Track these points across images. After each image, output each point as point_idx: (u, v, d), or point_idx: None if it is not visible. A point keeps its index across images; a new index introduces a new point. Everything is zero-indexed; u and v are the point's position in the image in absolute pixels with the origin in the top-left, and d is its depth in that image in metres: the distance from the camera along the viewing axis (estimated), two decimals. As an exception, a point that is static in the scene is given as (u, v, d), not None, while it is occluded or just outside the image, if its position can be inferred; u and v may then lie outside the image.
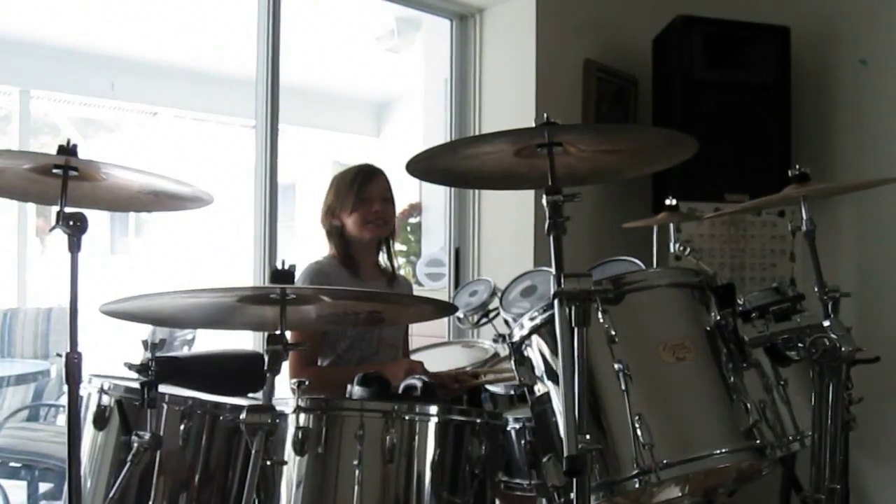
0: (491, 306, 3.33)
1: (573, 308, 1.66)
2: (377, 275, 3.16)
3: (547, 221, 1.77)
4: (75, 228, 2.00)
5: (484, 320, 3.36)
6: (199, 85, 6.69)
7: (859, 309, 4.21)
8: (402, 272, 3.37)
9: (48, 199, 2.07)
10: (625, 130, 2.24)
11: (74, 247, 2.03)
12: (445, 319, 4.12)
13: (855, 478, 4.17)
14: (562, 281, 1.66)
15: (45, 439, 4.20)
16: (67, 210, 1.99)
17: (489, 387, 3.00)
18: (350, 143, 7.93)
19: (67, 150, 2.01)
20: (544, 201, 1.78)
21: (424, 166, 1.93)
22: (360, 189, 3.06)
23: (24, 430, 4.46)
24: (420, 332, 4.02)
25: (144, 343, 2.05)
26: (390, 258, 3.21)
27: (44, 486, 4.32)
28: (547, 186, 1.80)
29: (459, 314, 3.35)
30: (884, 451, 4.30)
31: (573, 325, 1.66)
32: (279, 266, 1.89)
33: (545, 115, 1.84)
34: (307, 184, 7.86)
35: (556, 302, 1.67)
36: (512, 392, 2.85)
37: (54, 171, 1.99)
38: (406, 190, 5.22)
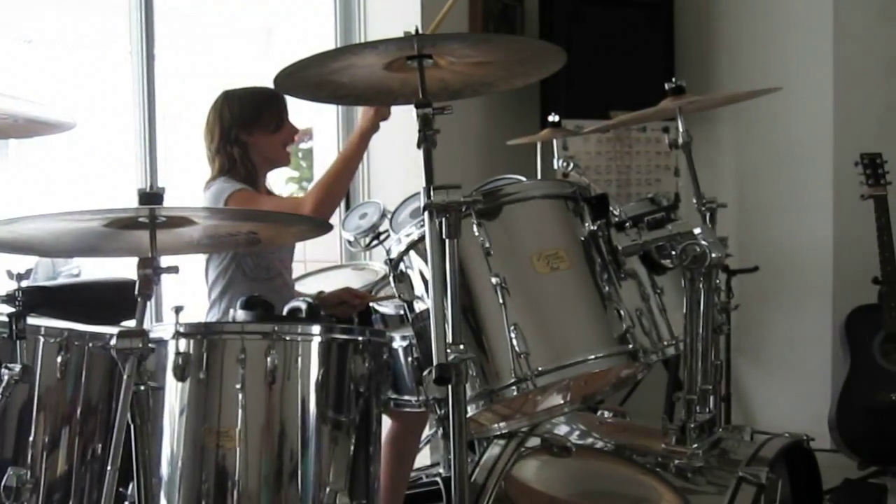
0: (381, 228, 3.32)
1: (444, 220, 1.66)
2: (267, 196, 3.09)
3: (417, 134, 1.76)
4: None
5: (375, 242, 3.34)
6: (74, 10, 6.40)
7: (739, 220, 4.36)
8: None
9: None
10: (492, 40, 2.23)
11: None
12: (337, 243, 4.09)
13: (737, 381, 4.36)
14: (431, 193, 1.66)
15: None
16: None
17: (378, 307, 3.01)
18: (239, 70, 7.72)
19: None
20: (414, 114, 1.76)
21: (293, 81, 1.89)
22: (283, 111, 2.96)
23: None
24: (313, 258, 4.00)
25: (9, 273, 1.98)
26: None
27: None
28: (417, 99, 1.78)
29: (349, 237, 3.33)
30: (764, 356, 4.50)
31: (444, 237, 1.66)
32: (147, 188, 1.84)
33: (415, 27, 1.82)
34: (194, 110, 7.62)
35: (425, 214, 1.66)
36: (401, 312, 2.86)
37: None
38: (298, 115, 5.12)
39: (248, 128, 2.93)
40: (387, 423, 2.81)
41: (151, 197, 1.82)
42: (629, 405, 4.06)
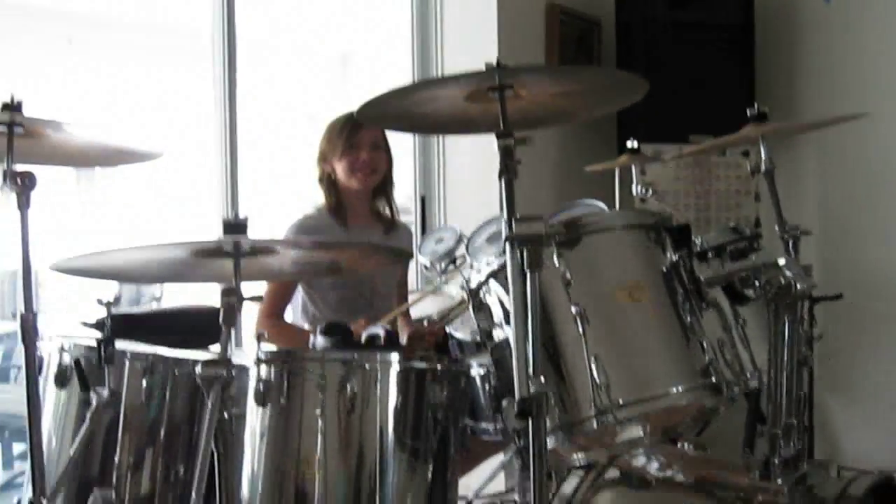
0: (457, 253, 3.33)
1: (525, 251, 1.66)
2: (371, 223, 3.14)
3: (498, 165, 1.76)
4: (23, 186, 1.98)
5: (451, 267, 3.35)
6: (160, 37, 6.58)
7: (822, 248, 4.26)
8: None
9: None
10: (574, 72, 2.23)
11: (24, 205, 2.00)
12: (413, 268, 4.12)
13: (820, 413, 4.24)
14: (513, 225, 1.66)
15: (15, 399, 4.19)
16: (15, 168, 1.96)
17: (455, 333, 3.01)
18: (316, 95, 7.85)
19: (12, 107, 1.98)
20: (493, 143, 1.77)
21: (375, 112, 1.91)
22: (350, 136, 3.01)
23: (-7, 392, 4.46)
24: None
25: (99, 301, 2.04)
26: (389, 206, 3.19)
27: (18, 447, 4.33)
28: (498, 130, 1.78)
29: (426, 262, 3.34)
30: (848, 387, 4.38)
31: (525, 268, 1.66)
32: (231, 218, 1.87)
33: (496, 59, 1.82)
34: (273, 136, 7.77)
35: (507, 246, 1.66)
36: (478, 338, 2.86)
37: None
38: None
39: (326, 161, 3.07)
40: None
41: (235, 227, 1.86)
42: (705, 437, 3.98)
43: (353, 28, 7.15)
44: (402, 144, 4.75)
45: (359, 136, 3.01)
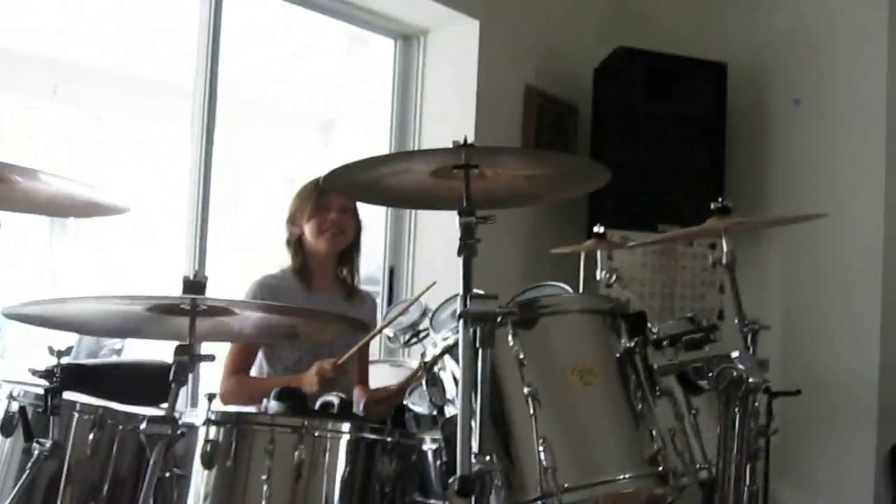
0: (421, 326, 3.33)
1: (478, 329, 1.67)
2: (333, 288, 3.15)
3: (458, 242, 1.78)
4: (-14, 231, 1.98)
5: (414, 340, 3.35)
6: (143, 91, 6.64)
7: (784, 343, 4.30)
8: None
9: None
10: (539, 156, 2.28)
11: (-15, 248, 2.00)
12: (377, 338, 4.11)
13: (774, 507, 4.23)
14: (467, 301, 1.67)
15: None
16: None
17: (413, 407, 2.99)
18: (298, 159, 7.92)
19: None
20: (457, 222, 1.79)
21: (342, 181, 1.93)
22: (320, 197, 3.04)
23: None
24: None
25: (50, 349, 2.02)
26: (351, 272, 3.19)
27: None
28: (461, 207, 1.81)
29: (389, 333, 3.34)
30: (804, 483, 4.37)
31: (477, 345, 1.67)
32: (191, 276, 1.88)
33: (464, 137, 1.86)
34: (252, 196, 7.80)
35: (460, 322, 1.68)
36: (435, 412, 2.85)
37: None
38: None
39: (294, 223, 3.10)
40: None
41: (194, 286, 1.87)
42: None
43: (337, 97, 7.26)
44: (373, 215, 4.79)
45: (328, 198, 3.03)
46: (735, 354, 2.12)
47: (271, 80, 6.82)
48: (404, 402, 2.98)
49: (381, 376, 3.48)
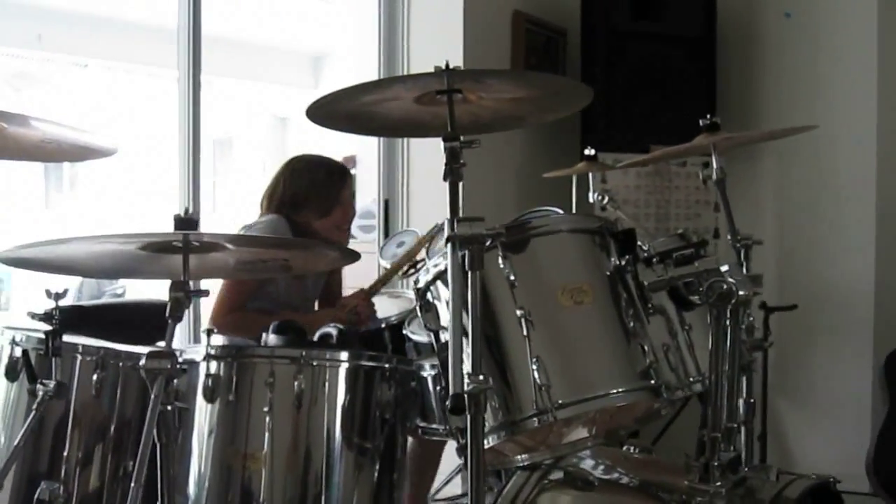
0: (418, 257, 3.36)
1: (466, 252, 1.69)
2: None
3: (443, 167, 1.79)
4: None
5: (411, 271, 3.38)
6: (128, 36, 6.57)
7: (779, 258, 4.33)
8: None
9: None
10: (521, 77, 2.27)
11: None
12: (375, 271, 4.14)
13: (774, 421, 4.30)
14: (454, 225, 1.69)
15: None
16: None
17: (412, 335, 3.03)
18: (287, 96, 7.86)
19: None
20: (441, 147, 1.80)
21: (325, 112, 1.93)
22: (336, 193, 2.94)
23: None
24: (351, 284, 4.04)
25: (47, 292, 2.04)
26: None
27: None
28: (445, 133, 1.81)
29: (386, 265, 3.36)
30: (802, 396, 4.44)
31: (466, 268, 1.69)
32: (182, 213, 1.89)
33: (446, 62, 1.85)
34: (244, 137, 7.78)
35: (448, 246, 1.69)
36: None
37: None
38: (343, 143, 5.20)
39: (296, 207, 2.96)
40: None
41: (186, 222, 1.88)
42: (665, 442, 4.04)
43: (325, 30, 7.18)
44: (366, 148, 4.79)
45: (345, 192, 2.96)
46: (725, 268, 2.14)
47: (258, 18, 6.75)
48: (404, 332, 3.03)
49: (381, 306, 3.52)
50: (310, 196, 2.94)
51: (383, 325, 3.04)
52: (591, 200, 3.45)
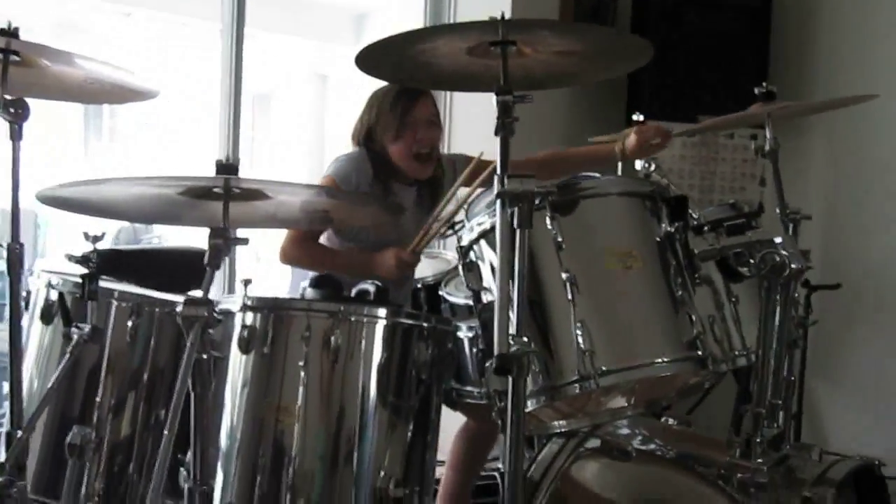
0: (457, 217, 3.31)
1: (516, 210, 1.63)
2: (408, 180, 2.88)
3: (495, 121, 1.73)
4: (16, 115, 1.96)
5: (449, 232, 3.33)
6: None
7: (825, 235, 4.23)
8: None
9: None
10: (579, 30, 2.19)
11: (16, 135, 1.98)
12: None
13: (810, 400, 4.23)
14: (504, 182, 1.63)
15: (5, 339, 4.17)
16: (7, 97, 1.94)
17: (448, 296, 2.99)
18: (328, 53, 7.79)
19: (8, 33, 1.95)
20: (493, 101, 1.74)
21: (374, 60, 1.87)
22: (406, 112, 2.75)
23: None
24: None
25: (85, 235, 2.02)
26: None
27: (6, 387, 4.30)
28: (497, 86, 1.75)
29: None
30: (840, 377, 4.36)
31: (515, 227, 1.63)
32: (223, 159, 1.85)
33: (501, 13, 1.79)
34: (283, 94, 7.73)
35: (497, 202, 1.64)
36: (470, 302, 2.84)
37: (-5, 55, 1.92)
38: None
39: (370, 137, 2.81)
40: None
41: (227, 168, 1.84)
42: (698, 414, 3.97)
43: (369, -13, 7.11)
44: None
45: (415, 110, 2.76)
46: (778, 240, 2.07)
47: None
48: (440, 293, 2.99)
49: (418, 267, 3.48)
50: (379, 121, 2.79)
51: (419, 286, 3.00)
52: (636, 167, 3.37)
